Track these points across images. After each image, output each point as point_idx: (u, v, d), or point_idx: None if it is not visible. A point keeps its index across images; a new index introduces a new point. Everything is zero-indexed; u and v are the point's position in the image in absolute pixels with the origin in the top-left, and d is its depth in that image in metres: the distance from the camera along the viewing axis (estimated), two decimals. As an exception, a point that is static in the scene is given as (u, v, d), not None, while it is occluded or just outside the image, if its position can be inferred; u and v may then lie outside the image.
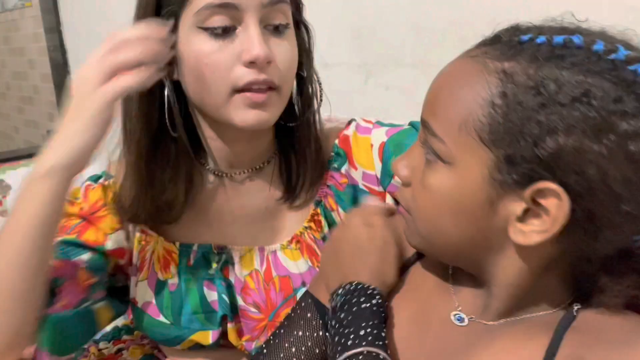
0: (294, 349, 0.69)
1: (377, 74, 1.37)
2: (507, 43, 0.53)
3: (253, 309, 0.88)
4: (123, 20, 0.80)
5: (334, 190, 0.92)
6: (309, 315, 0.72)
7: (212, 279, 0.87)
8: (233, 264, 0.89)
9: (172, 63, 0.78)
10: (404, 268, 0.71)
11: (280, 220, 0.91)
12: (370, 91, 1.40)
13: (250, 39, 0.74)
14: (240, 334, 0.88)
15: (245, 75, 0.75)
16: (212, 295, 0.87)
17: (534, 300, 0.59)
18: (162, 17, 0.76)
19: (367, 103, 1.40)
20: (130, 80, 0.69)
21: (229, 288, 0.87)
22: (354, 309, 0.61)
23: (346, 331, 0.59)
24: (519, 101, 0.49)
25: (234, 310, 0.87)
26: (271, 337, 0.73)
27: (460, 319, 0.63)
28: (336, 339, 0.60)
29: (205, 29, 0.74)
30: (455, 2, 1.15)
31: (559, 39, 0.51)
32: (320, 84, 0.89)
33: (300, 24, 0.85)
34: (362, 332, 0.59)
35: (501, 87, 0.50)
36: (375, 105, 1.39)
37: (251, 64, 0.74)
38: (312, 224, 0.91)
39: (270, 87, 0.77)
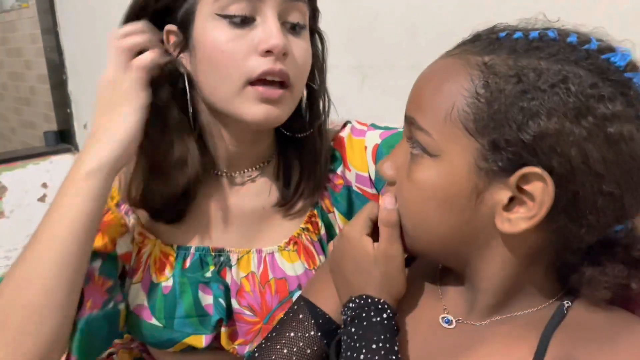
0: (285, 350, 0.69)
1: (373, 77, 1.37)
2: (486, 40, 0.56)
3: (248, 312, 0.87)
4: (119, 21, 0.80)
5: (330, 191, 0.92)
6: (301, 316, 0.72)
7: (208, 282, 0.86)
8: (231, 267, 0.88)
9: (184, 52, 0.78)
10: None
11: (277, 221, 0.91)
12: (366, 94, 1.40)
13: (269, 29, 0.74)
14: (233, 337, 0.87)
15: (261, 64, 0.74)
16: (207, 299, 0.86)
17: (520, 295, 0.59)
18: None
19: (363, 105, 1.40)
20: (147, 56, 0.75)
21: (226, 291, 0.86)
22: (364, 323, 0.61)
23: (358, 345, 0.60)
24: (501, 89, 0.51)
25: (229, 314, 0.86)
26: (263, 340, 0.73)
27: (449, 322, 0.64)
28: (348, 353, 0.60)
29: (224, 17, 0.74)
30: (451, 5, 1.15)
31: (534, 33, 0.54)
32: (329, 99, 0.89)
33: (315, 33, 0.85)
34: (374, 346, 0.59)
35: (483, 78, 0.53)
36: (371, 107, 1.39)
37: (267, 53, 0.74)
38: (309, 226, 0.90)
39: (283, 85, 0.77)
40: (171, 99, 0.81)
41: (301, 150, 0.89)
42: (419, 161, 0.57)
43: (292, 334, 0.70)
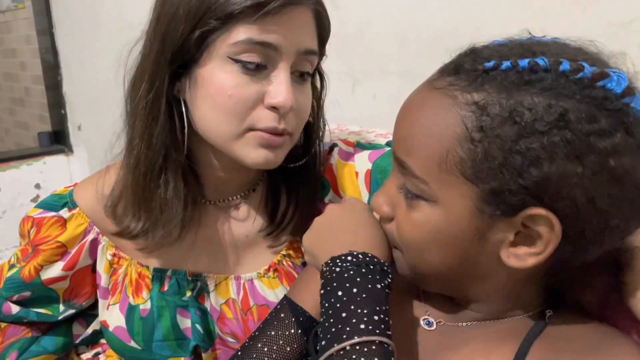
0: (266, 349, 0.70)
1: (364, 83, 1.38)
2: (472, 72, 0.52)
3: (231, 339, 0.87)
4: (115, 23, 0.81)
5: None
6: (282, 315, 0.73)
7: (186, 306, 0.86)
8: (208, 292, 0.88)
9: (180, 80, 0.76)
10: None
11: (258, 249, 0.90)
12: (357, 99, 1.41)
13: (280, 84, 0.73)
14: None
15: (265, 118, 0.74)
16: (185, 323, 0.86)
17: (507, 306, 0.60)
18: (195, 36, 0.72)
19: (355, 111, 1.40)
20: None
21: (204, 316, 0.86)
22: (369, 286, 0.55)
23: (359, 311, 0.54)
24: (497, 134, 0.49)
25: (210, 339, 0.86)
26: (247, 340, 0.74)
27: (429, 324, 0.64)
28: (343, 315, 0.54)
29: (237, 62, 0.72)
30: (441, 12, 1.16)
31: (523, 63, 0.50)
32: (325, 124, 0.89)
33: (316, 73, 0.85)
34: (376, 318, 0.53)
35: (476, 121, 0.50)
36: (363, 113, 1.40)
37: (274, 108, 0.73)
38: (291, 252, 0.90)
39: (284, 133, 0.76)
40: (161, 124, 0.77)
41: (291, 179, 0.88)
42: (416, 203, 0.56)
43: (272, 333, 0.71)
